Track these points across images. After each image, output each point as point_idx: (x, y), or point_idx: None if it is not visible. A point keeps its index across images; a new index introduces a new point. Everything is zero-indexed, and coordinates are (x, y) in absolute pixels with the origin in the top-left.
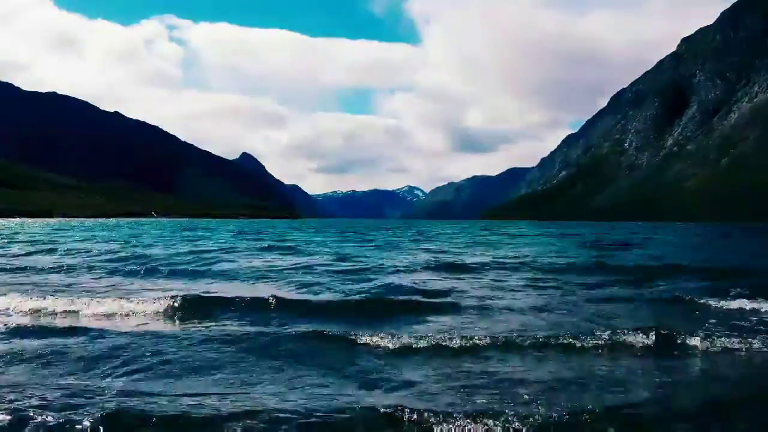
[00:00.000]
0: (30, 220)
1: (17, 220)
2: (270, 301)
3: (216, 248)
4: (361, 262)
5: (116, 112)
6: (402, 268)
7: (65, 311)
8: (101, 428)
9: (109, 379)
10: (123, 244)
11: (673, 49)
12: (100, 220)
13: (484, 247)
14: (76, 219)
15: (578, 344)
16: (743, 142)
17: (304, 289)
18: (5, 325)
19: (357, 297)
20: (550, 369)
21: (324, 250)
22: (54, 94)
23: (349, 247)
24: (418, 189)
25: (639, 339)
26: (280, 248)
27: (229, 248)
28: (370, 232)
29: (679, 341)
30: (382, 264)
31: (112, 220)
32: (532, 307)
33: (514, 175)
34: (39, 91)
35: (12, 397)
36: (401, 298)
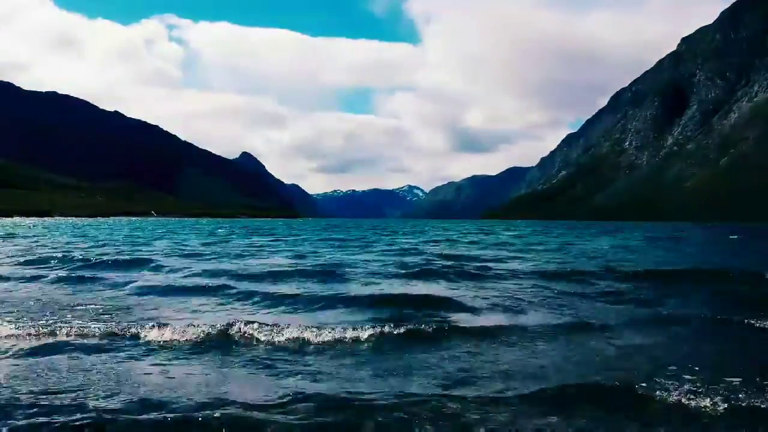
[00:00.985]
0: (27, 220)
1: (7, 219)
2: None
3: (162, 249)
4: (350, 267)
5: (116, 111)
6: (392, 272)
7: None
8: None
9: None
10: (66, 243)
11: (673, 48)
12: (100, 219)
13: (483, 248)
14: (74, 219)
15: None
16: (743, 142)
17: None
18: None
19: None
20: None
21: (293, 251)
22: (54, 93)
23: (330, 248)
24: (418, 188)
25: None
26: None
27: (179, 250)
28: (366, 232)
29: None
30: (360, 265)
31: (110, 220)
32: (561, 326)
33: (514, 174)
34: (39, 90)
35: None
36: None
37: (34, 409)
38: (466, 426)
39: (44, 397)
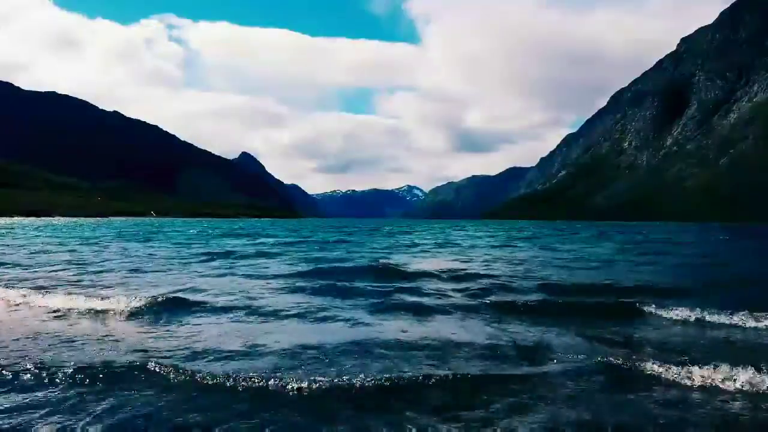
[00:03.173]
0: (24, 220)
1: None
2: None
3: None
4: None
5: (116, 111)
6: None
7: None
8: None
9: None
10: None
11: (673, 48)
12: (101, 219)
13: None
14: (73, 219)
15: None
16: (743, 142)
17: None
18: None
19: None
20: None
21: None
22: (54, 93)
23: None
24: (417, 188)
25: None
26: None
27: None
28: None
29: None
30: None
31: (111, 219)
32: None
33: (513, 174)
34: (39, 90)
35: None
36: None
37: None
38: None
39: None
